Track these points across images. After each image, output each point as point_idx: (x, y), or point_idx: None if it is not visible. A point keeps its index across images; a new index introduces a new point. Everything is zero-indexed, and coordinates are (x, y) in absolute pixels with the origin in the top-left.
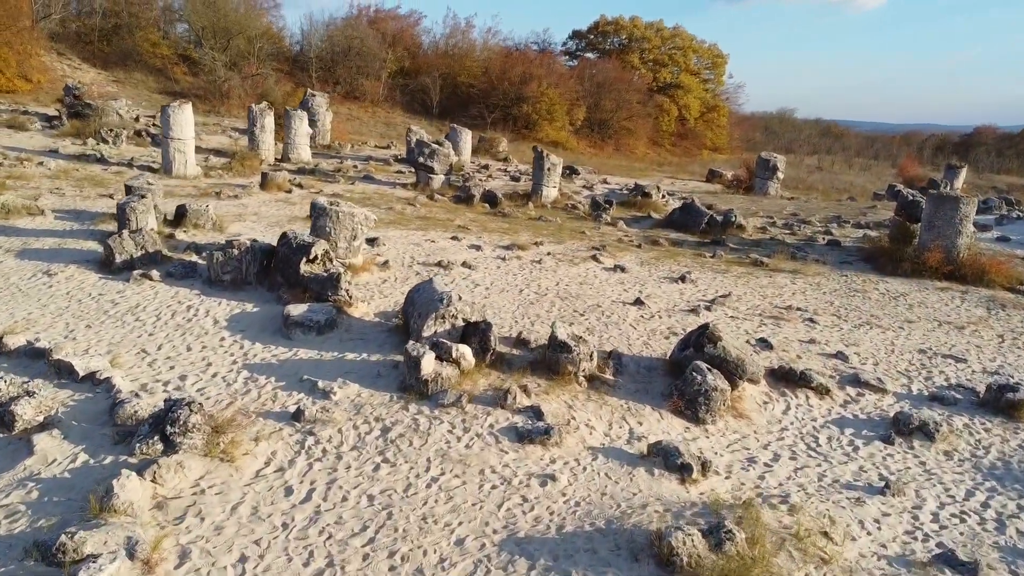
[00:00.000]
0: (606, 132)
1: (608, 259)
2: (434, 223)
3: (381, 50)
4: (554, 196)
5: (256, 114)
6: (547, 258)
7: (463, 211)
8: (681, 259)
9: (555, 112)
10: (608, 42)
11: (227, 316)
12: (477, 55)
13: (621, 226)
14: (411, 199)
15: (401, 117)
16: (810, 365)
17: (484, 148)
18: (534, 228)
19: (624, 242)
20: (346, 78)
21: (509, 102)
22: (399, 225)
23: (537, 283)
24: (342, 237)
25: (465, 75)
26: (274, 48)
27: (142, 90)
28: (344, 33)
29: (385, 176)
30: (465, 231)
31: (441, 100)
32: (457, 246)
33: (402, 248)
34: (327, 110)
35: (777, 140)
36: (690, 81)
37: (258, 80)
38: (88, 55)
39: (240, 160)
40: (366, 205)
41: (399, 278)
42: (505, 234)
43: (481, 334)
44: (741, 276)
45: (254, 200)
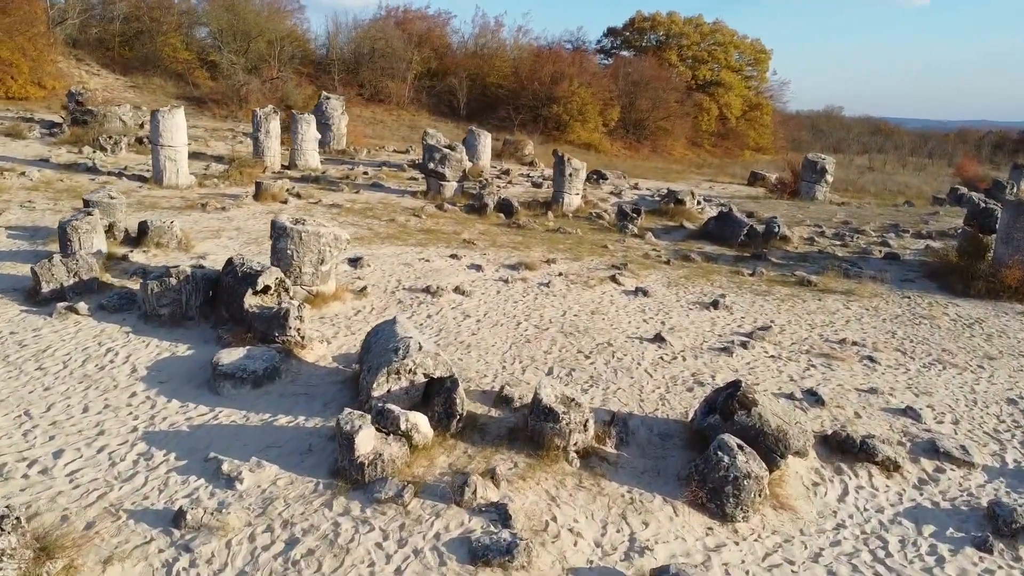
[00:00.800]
0: (642, 133)
1: (629, 279)
2: (437, 237)
3: (407, 51)
4: (577, 204)
5: (261, 118)
6: (557, 280)
7: (473, 223)
8: (715, 278)
9: (587, 112)
10: (644, 39)
11: (150, 363)
12: (507, 55)
13: (649, 238)
14: (418, 209)
15: (427, 120)
16: (872, 427)
17: (509, 152)
18: (550, 242)
19: (651, 257)
20: (371, 80)
21: (539, 103)
22: (396, 240)
23: (540, 313)
24: (307, 261)
25: (494, 76)
26: (298, 51)
27: (159, 95)
28: (368, 34)
29: (396, 183)
30: (470, 247)
31: (469, 102)
32: (455, 266)
33: (390, 269)
34: (342, 113)
35: (824, 139)
36: (731, 78)
37: (277, 84)
38: (108, 61)
39: (239, 168)
40: (367, 217)
41: (377, 308)
42: (515, 250)
43: (446, 394)
44: (785, 299)
45: (242, 213)
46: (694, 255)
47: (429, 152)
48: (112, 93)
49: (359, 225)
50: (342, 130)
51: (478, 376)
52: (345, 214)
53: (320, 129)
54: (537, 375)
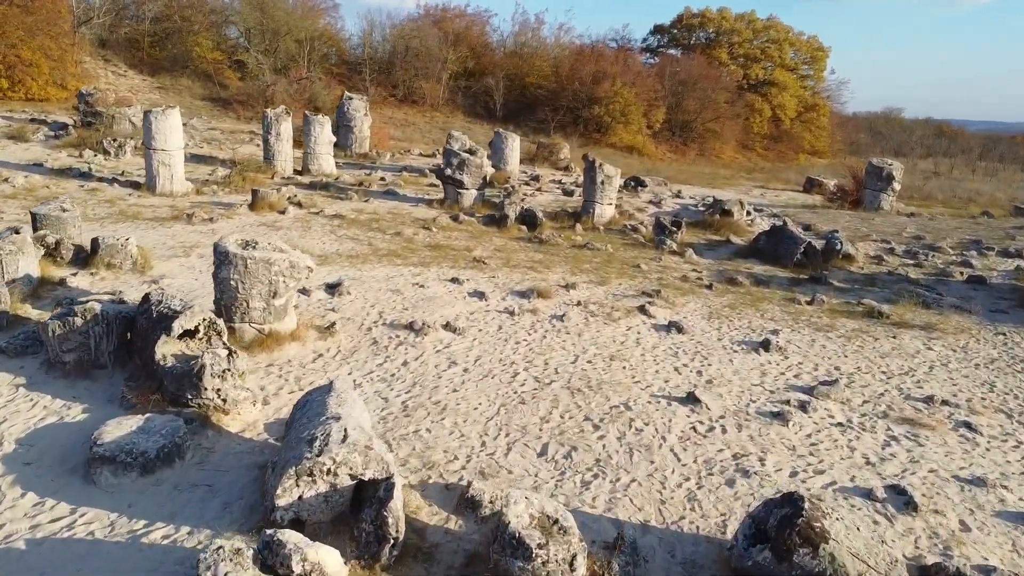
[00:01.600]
0: (689, 135)
1: (662, 310)
2: (444, 255)
3: (442, 50)
4: (609, 215)
5: (271, 120)
6: (575, 311)
7: (490, 236)
8: (766, 307)
9: (630, 114)
10: (693, 37)
11: (25, 433)
12: (547, 54)
13: (690, 256)
14: (430, 221)
15: (461, 121)
16: (988, 547)
17: (543, 155)
18: (574, 260)
19: (690, 280)
20: (404, 81)
21: (579, 104)
22: (394, 259)
23: (545, 359)
24: (256, 294)
25: (533, 76)
26: (331, 50)
27: (185, 97)
28: (402, 33)
29: (413, 190)
30: (479, 267)
31: (506, 103)
32: (454, 293)
33: (374, 297)
34: (365, 114)
35: (884, 142)
36: (786, 78)
37: (305, 84)
38: (136, 61)
39: (241, 173)
40: (370, 230)
41: (344, 350)
42: (531, 271)
43: (377, 507)
44: (851, 336)
45: (231, 224)
46: (741, 277)
47: (447, 157)
48: (137, 94)
49: (358, 240)
50: (365, 132)
51: (445, 459)
52: (346, 226)
53: (342, 132)
54: (525, 457)
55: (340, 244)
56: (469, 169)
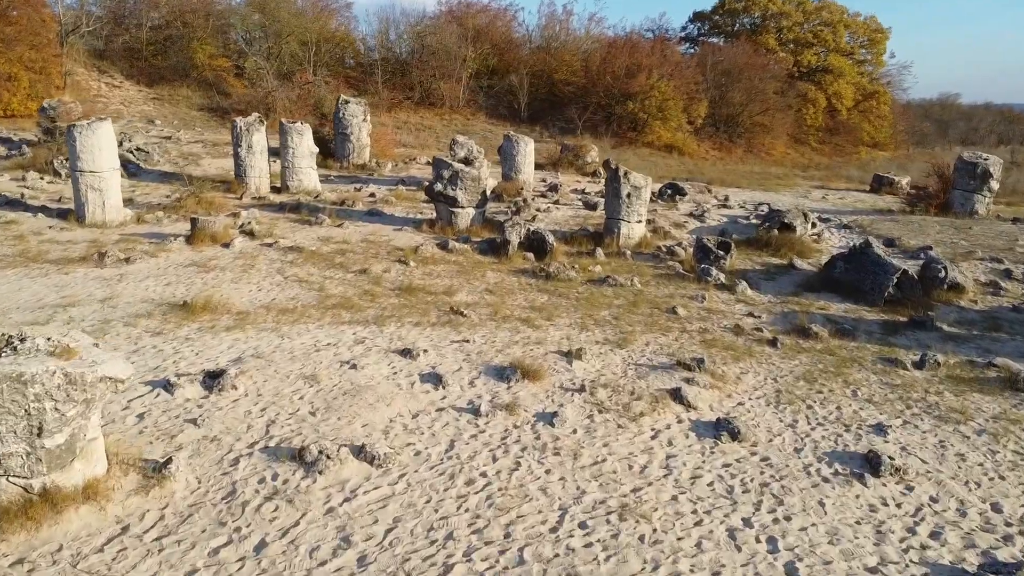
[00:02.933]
0: (734, 130)
1: (708, 392)
2: (413, 304)
3: (462, 47)
4: (639, 236)
5: (241, 131)
6: (575, 403)
7: (485, 269)
8: (857, 376)
9: (669, 109)
10: (737, 23)
11: None
12: (577, 47)
13: (744, 291)
14: (410, 251)
15: (483, 123)
16: None
17: (567, 160)
18: (588, 305)
19: (746, 333)
20: (421, 82)
21: (612, 100)
22: (341, 314)
23: (508, 524)
24: (9, 433)
25: (562, 71)
26: (344, 52)
27: (182, 107)
28: (417, 31)
29: (404, 208)
30: (453, 323)
31: (531, 102)
32: (399, 376)
33: (272, 393)
34: (364, 120)
35: (950, 131)
36: (841, 63)
37: (311, 90)
38: (134, 71)
39: (197, 194)
40: (330, 267)
41: (172, 519)
42: (525, 326)
43: None
44: (999, 432)
45: (151, 266)
46: (816, 326)
47: (436, 169)
48: (129, 106)
49: (308, 282)
50: (364, 140)
51: None
52: (301, 262)
53: (338, 140)
54: None
55: (280, 291)
56: (463, 183)
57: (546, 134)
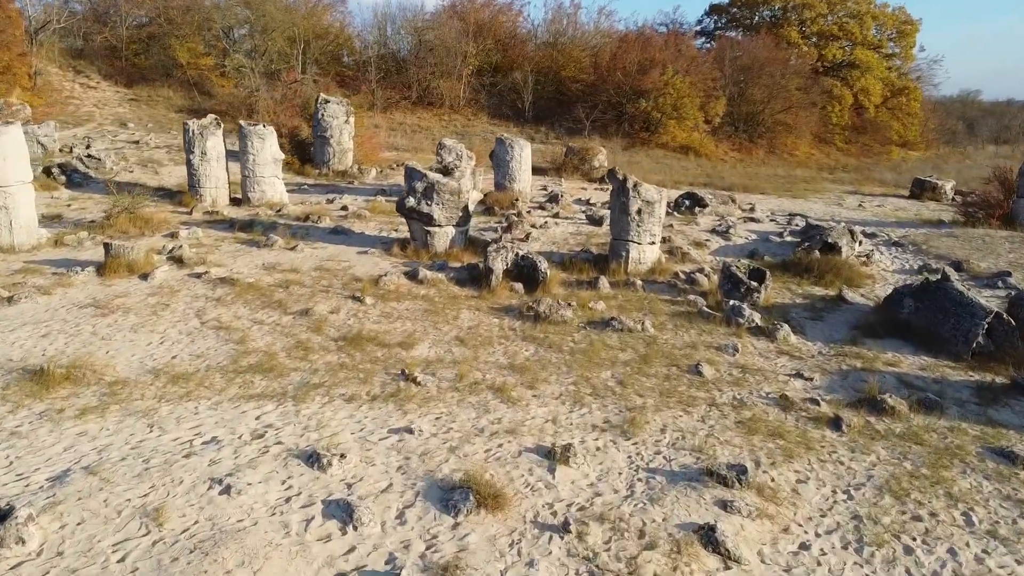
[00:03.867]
0: (755, 130)
1: (752, 528)
2: (358, 362)
3: (462, 43)
4: (651, 260)
5: (194, 135)
6: (551, 554)
7: (460, 307)
8: (963, 487)
9: (684, 107)
10: (756, 15)
11: None
12: (586, 43)
13: (786, 337)
14: (370, 282)
15: (485, 124)
16: None
17: (572, 164)
18: (585, 363)
19: (797, 407)
20: (419, 80)
21: (623, 98)
22: (250, 385)
23: None
24: None
25: (570, 68)
26: (337, 50)
27: (160, 108)
28: (415, 26)
29: (378, 225)
30: (402, 398)
31: (536, 101)
32: (285, 514)
33: (80, 547)
34: (345, 121)
35: (979, 129)
36: (868, 57)
37: (297, 89)
38: (113, 71)
39: (132, 209)
40: (263, 307)
41: None
42: (499, 398)
43: None
44: None
45: (39, 306)
46: (889, 395)
47: (409, 181)
48: (103, 108)
49: (229, 329)
50: (345, 144)
51: None
52: (231, 300)
53: (317, 144)
54: None
55: (189, 344)
56: (440, 197)
57: (552, 135)
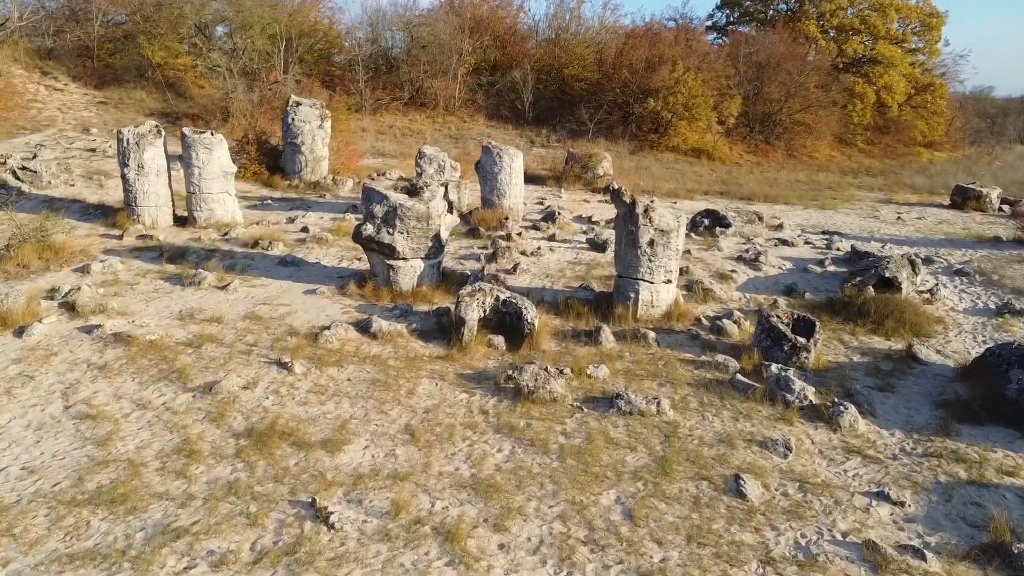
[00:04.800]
0: (772, 131)
1: None
2: (252, 486)
3: (457, 40)
4: (668, 302)
5: (128, 144)
6: None
7: (420, 376)
8: None
9: (697, 107)
10: (771, 8)
11: None
12: (591, 39)
13: (851, 423)
14: (305, 340)
15: (482, 126)
16: None
17: (573, 173)
18: (579, 474)
19: (890, 563)
20: (412, 80)
21: (630, 97)
22: (92, 519)
23: None
24: None
25: (573, 66)
26: (328, 49)
27: (130, 112)
28: (404, 21)
29: (339, 252)
30: (302, 545)
31: (537, 101)
32: None
33: None
34: (320, 125)
35: (1001, 127)
36: (892, 53)
37: (278, 91)
38: (84, 72)
39: (39, 235)
40: (165, 375)
41: None
42: (443, 558)
43: None
44: None
45: None
46: (1021, 541)
47: (366, 202)
48: (66, 112)
49: (96, 420)
50: (319, 152)
51: None
52: (121, 367)
53: (287, 152)
54: None
55: (31, 446)
56: (405, 224)
57: (554, 138)
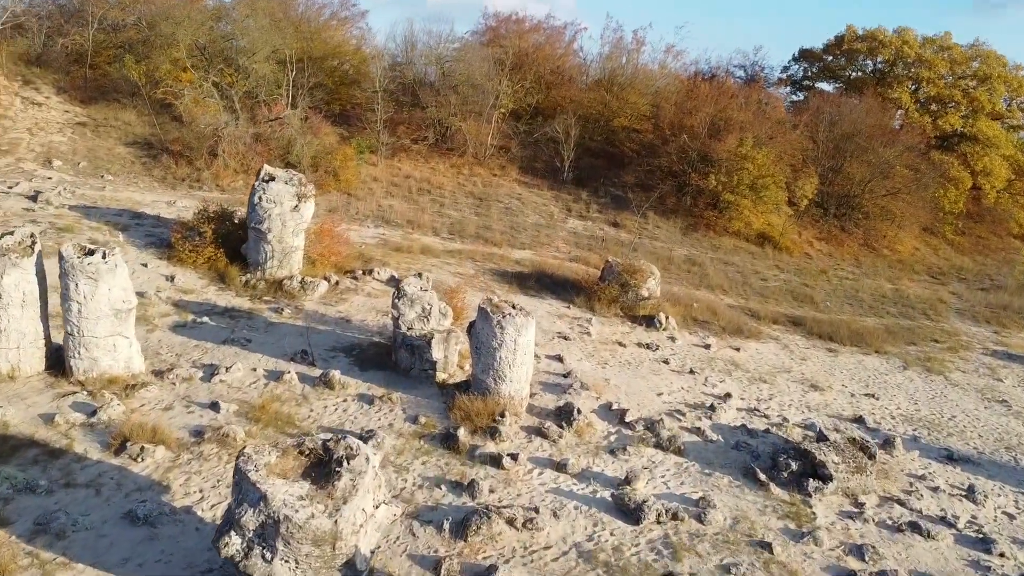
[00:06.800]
0: (849, 215)
1: None
2: None
3: (496, 79)
4: None
5: None
6: None
7: None
8: None
9: (766, 187)
10: (857, 67)
11: None
12: (647, 86)
13: None
14: None
15: (512, 183)
16: None
17: (608, 294)
18: None
19: None
20: (439, 121)
21: (688, 165)
22: None
23: None
24: None
25: (626, 115)
26: (349, 74)
27: (109, 139)
28: (435, 54)
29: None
30: None
31: (580, 156)
32: None
33: None
34: (296, 207)
35: None
36: (992, 130)
37: (279, 127)
38: (72, 84)
39: None
40: None
41: None
42: None
43: None
44: None
45: None
46: None
47: (237, 500)
48: (38, 133)
49: None
50: (288, 241)
51: None
52: None
53: (251, 238)
54: None
55: None
56: (292, 548)
57: (594, 205)
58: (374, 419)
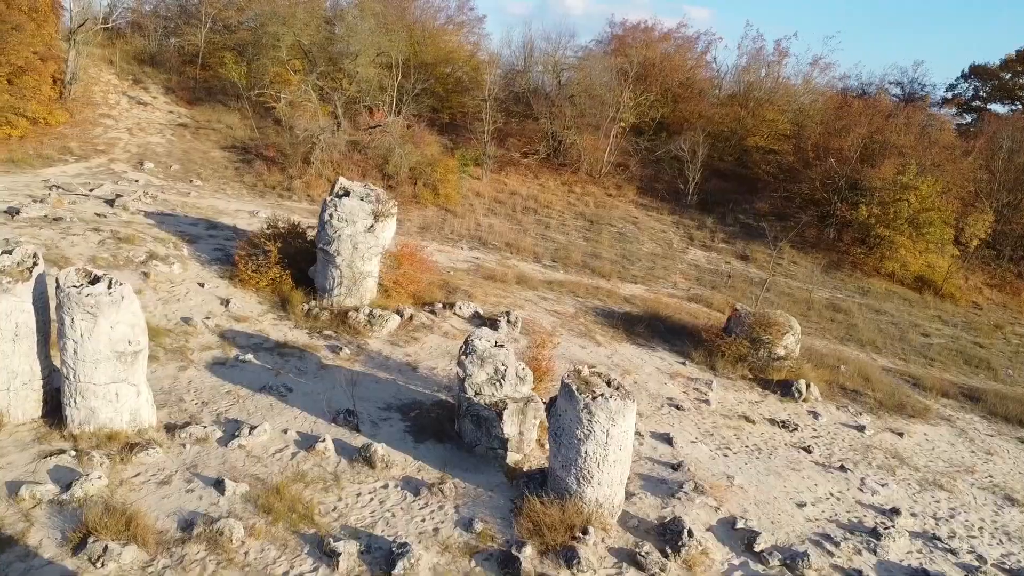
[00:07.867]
0: None
1: None
2: None
3: (617, 90)
4: None
5: None
6: None
7: None
8: None
9: (929, 223)
10: None
11: None
12: (788, 102)
13: None
14: None
15: (628, 205)
16: None
17: (735, 350)
18: None
19: None
20: (552, 134)
21: (834, 193)
22: None
23: None
24: None
25: (763, 134)
26: (464, 80)
27: (208, 142)
28: (553, 60)
29: None
30: None
31: (707, 179)
32: None
33: None
34: (370, 228)
35: None
36: None
37: (379, 135)
38: (180, 85)
39: None
40: None
41: None
42: None
43: None
44: None
45: None
46: None
47: None
48: (137, 133)
49: None
50: (358, 267)
51: None
52: None
53: (319, 261)
54: None
55: None
56: None
57: (720, 234)
58: (416, 520)
